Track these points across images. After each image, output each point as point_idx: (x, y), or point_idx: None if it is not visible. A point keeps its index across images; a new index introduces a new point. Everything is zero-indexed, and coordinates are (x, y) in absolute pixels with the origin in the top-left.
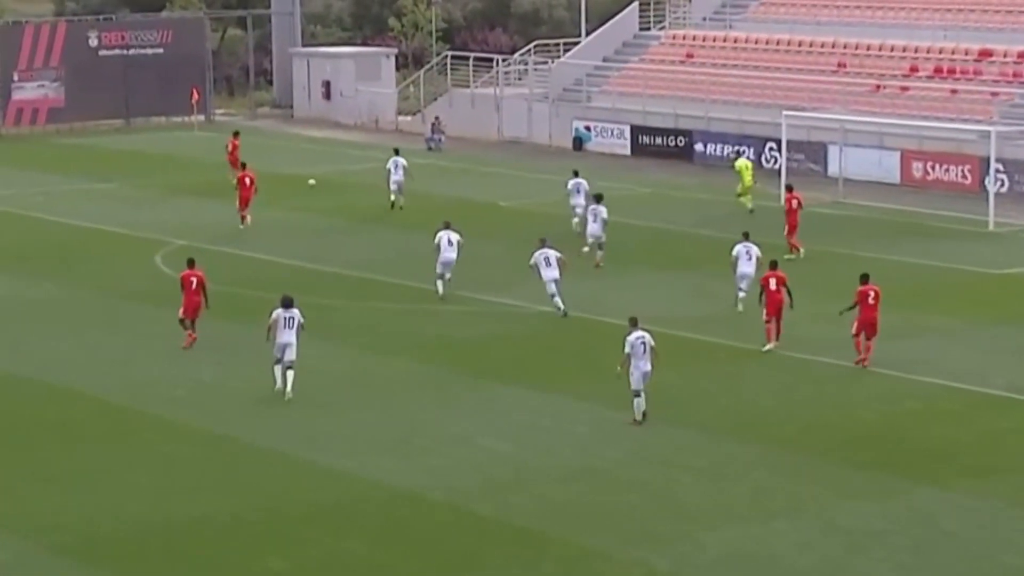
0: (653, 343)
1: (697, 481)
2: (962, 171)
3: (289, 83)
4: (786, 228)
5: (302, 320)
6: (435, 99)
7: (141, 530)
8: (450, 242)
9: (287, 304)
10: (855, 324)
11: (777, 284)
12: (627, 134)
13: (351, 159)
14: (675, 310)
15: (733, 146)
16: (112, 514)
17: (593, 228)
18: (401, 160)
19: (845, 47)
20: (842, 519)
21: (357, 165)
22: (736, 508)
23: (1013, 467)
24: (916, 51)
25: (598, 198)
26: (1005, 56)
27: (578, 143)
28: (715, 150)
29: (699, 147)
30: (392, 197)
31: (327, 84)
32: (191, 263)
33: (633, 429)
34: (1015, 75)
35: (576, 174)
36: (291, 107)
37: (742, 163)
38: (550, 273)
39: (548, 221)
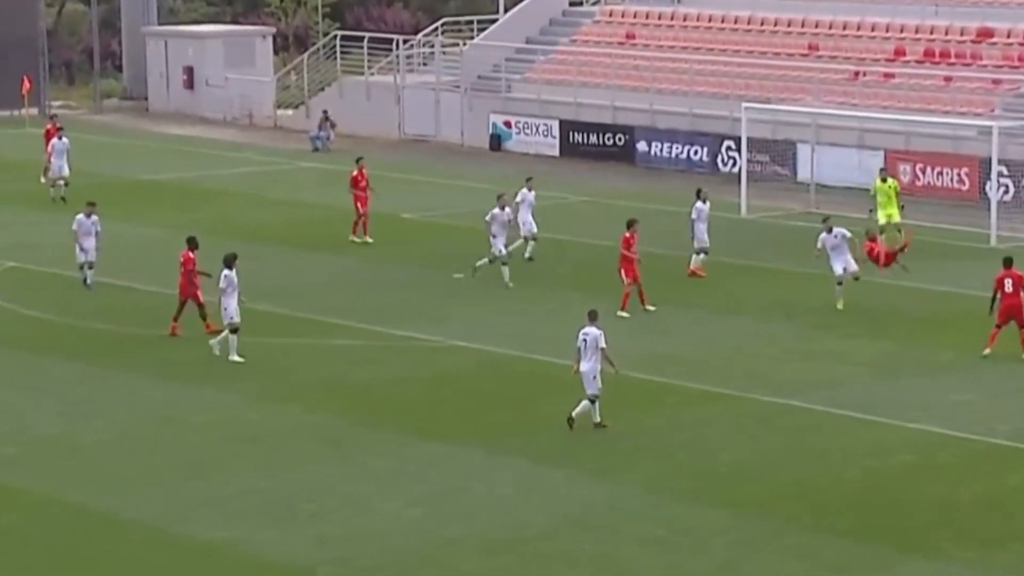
0: (603, 344)
1: (646, 553)
2: (958, 175)
3: (143, 70)
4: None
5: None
6: (322, 89)
7: None
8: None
9: (227, 264)
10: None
11: (1015, 285)
12: (555, 131)
13: (221, 162)
14: (618, 345)
15: (684, 145)
16: None
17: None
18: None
19: (817, 26)
20: None
21: (228, 169)
22: None
23: (1022, 533)
24: (902, 31)
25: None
26: (1009, 36)
27: (496, 141)
28: (661, 150)
29: (642, 147)
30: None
31: (190, 71)
32: (188, 242)
33: (568, 491)
34: (1021, 59)
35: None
36: (145, 99)
37: (893, 184)
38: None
39: (462, 236)
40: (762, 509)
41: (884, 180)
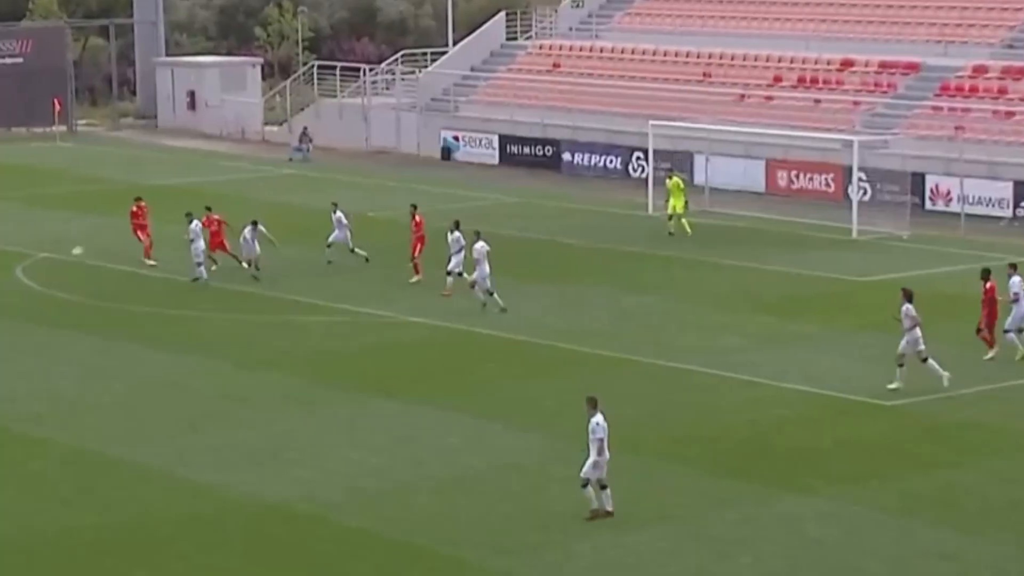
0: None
1: (567, 491)
2: (826, 180)
3: (153, 93)
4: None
5: None
6: (302, 109)
7: (5, 548)
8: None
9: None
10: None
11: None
12: (495, 144)
13: (218, 170)
14: (543, 320)
15: (601, 155)
16: None
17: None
18: None
19: (710, 57)
20: (710, 527)
21: (224, 176)
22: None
23: (876, 473)
24: (780, 61)
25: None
26: (867, 66)
27: (446, 153)
28: (583, 159)
29: (567, 156)
30: None
31: (192, 94)
32: (207, 212)
33: (504, 440)
34: (876, 85)
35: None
36: (155, 118)
37: (675, 182)
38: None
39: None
40: (660, 454)
41: (670, 178)
